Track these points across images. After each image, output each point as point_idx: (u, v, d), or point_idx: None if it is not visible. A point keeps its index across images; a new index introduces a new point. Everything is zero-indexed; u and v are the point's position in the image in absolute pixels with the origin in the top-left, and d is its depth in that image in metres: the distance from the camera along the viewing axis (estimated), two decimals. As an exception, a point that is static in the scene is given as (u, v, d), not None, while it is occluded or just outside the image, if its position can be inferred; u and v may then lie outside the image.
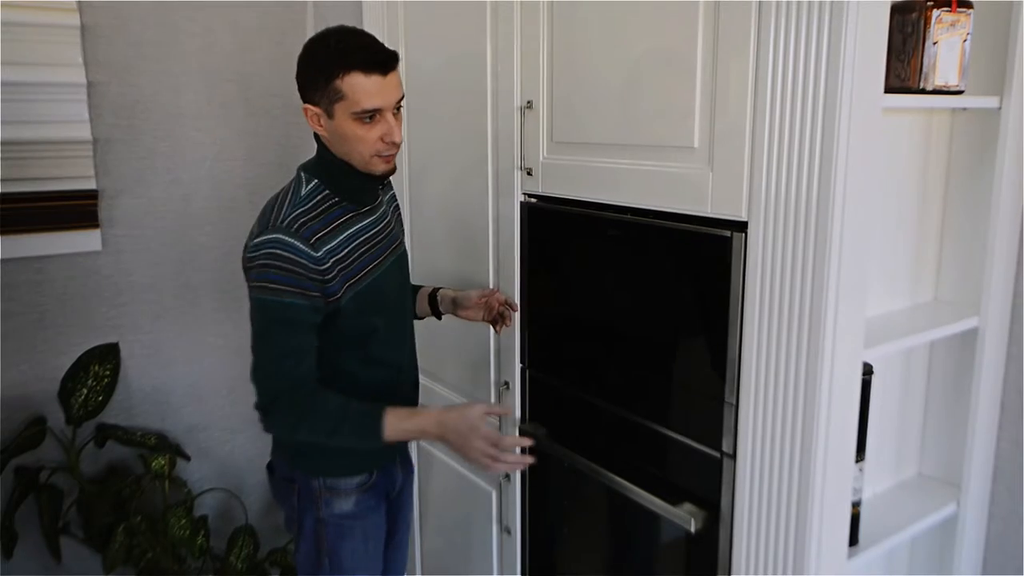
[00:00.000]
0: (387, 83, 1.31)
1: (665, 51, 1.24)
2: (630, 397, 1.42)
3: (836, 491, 1.16)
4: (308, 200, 1.35)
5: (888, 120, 1.12)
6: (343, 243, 1.36)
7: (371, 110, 1.30)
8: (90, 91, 2.09)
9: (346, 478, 1.49)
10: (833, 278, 1.07)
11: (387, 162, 1.38)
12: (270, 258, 1.29)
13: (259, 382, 1.36)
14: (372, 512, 1.54)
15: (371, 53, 1.30)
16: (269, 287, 1.30)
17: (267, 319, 1.33)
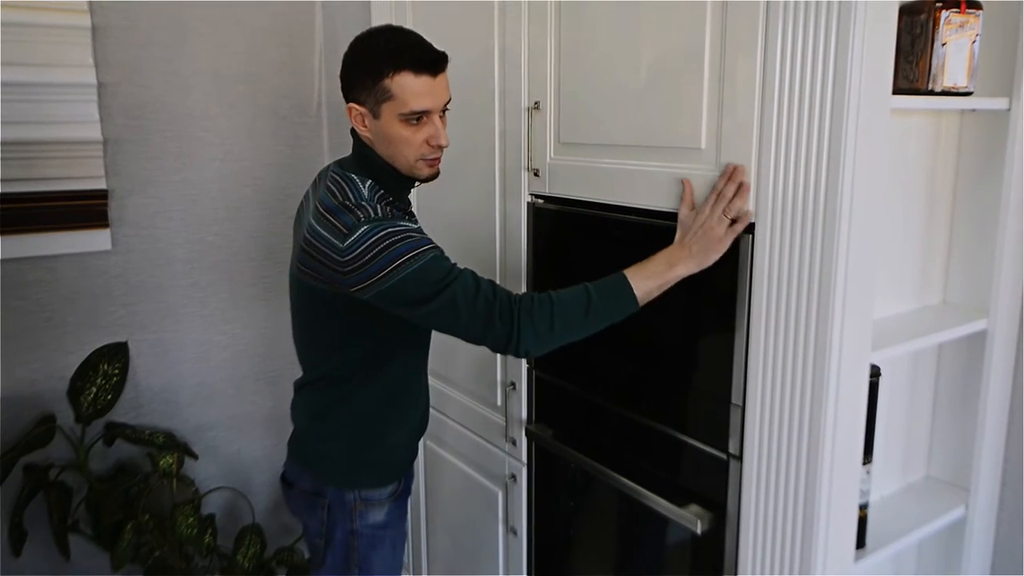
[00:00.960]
0: (436, 84, 1.27)
1: (672, 52, 1.24)
2: (637, 398, 1.42)
3: (843, 493, 1.15)
4: (372, 200, 1.30)
5: (896, 121, 1.12)
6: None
7: (419, 112, 1.27)
8: (100, 92, 2.10)
9: (380, 488, 1.46)
10: (840, 280, 1.07)
11: (431, 166, 1.35)
12: (381, 240, 1.21)
13: (488, 325, 1.22)
14: (400, 520, 1.54)
15: (422, 52, 1.26)
16: (407, 259, 1.21)
17: (432, 281, 1.22)
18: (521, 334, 1.21)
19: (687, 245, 1.21)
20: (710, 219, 1.18)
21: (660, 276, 1.22)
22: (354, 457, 1.45)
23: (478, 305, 1.22)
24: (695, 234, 1.20)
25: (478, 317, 1.22)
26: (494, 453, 1.81)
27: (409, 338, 1.44)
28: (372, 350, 1.40)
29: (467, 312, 1.22)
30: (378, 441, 1.45)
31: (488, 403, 1.81)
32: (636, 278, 1.22)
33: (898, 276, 1.38)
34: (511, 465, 1.76)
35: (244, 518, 2.38)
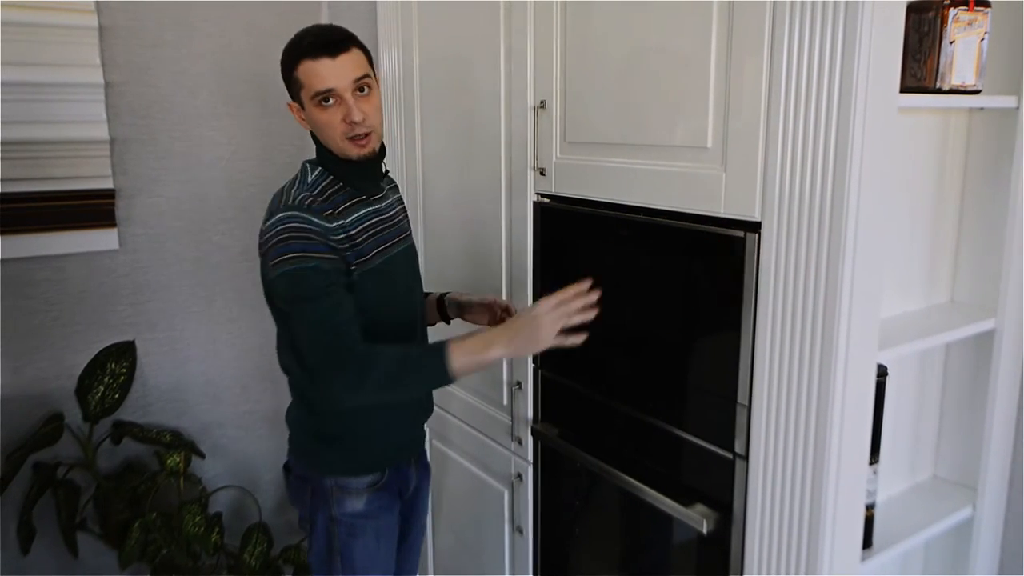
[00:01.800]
0: (337, 64, 1.33)
1: (679, 51, 1.24)
2: (642, 398, 1.42)
3: (850, 493, 1.15)
4: (315, 185, 1.39)
5: (904, 120, 1.11)
6: (352, 223, 1.38)
7: (323, 91, 1.33)
8: (107, 91, 2.11)
9: (358, 477, 1.50)
10: (847, 279, 1.06)
11: (359, 145, 1.38)
12: (286, 231, 1.30)
13: (312, 355, 1.32)
14: (384, 512, 1.55)
15: (316, 38, 1.34)
16: (292, 257, 1.29)
17: (297, 289, 1.30)
18: (335, 384, 1.31)
19: (511, 330, 1.31)
20: (546, 316, 1.28)
21: (478, 354, 1.31)
22: (326, 445, 1.50)
23: (316, 332, 1.31)
24: (525, 323, 1.30)
25: (310, 344, 1.32)
26: (500, 452, 1.81)
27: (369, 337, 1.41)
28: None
29: (313, 337, 1.31)
30: (345, 432, 1.48)
31: (494, 402, 1.81)
32: (455, 351, 1.30)
33: (905, 275, 1.38)
34: (517, 464, 1.76)
35: (251, 517, 2.39)
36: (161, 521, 2.13)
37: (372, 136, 1.39)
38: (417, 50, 1.93)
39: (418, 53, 1.93)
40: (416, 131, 1.98)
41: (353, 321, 1.32)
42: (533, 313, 1.31)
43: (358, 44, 1.38)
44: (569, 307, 1.30)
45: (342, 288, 1.33)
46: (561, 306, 1.30)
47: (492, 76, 1.65)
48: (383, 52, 2.06)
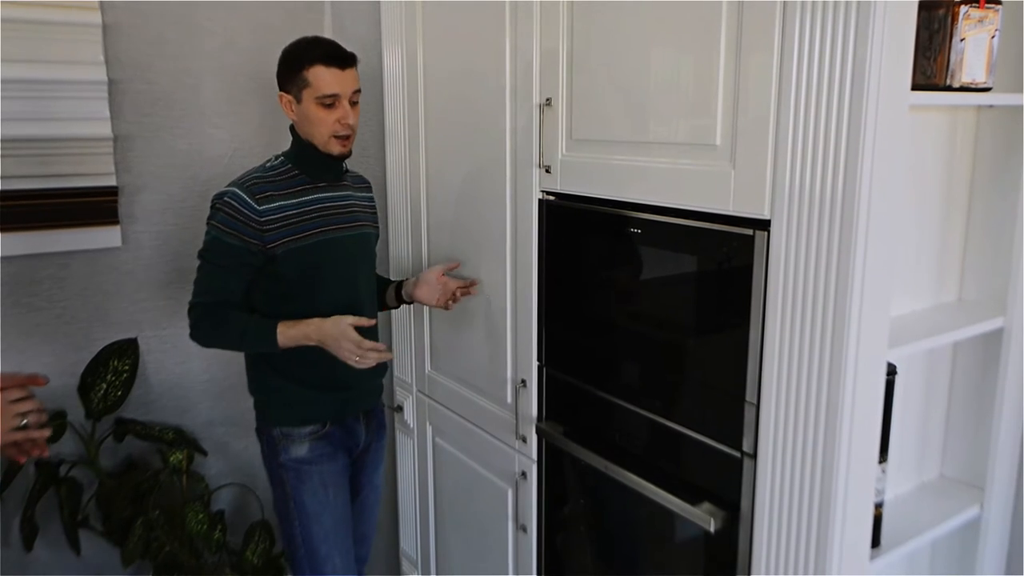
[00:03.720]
0: (344, 75, 1.63)
1: (687, 47, 1.23)
2: (649, 396, 1.41)
3: (859, 492, 1.14)
4: (271, 169, 1.69)
5: (913, 118, 1.10)
6: (293, 206, 1.65)
7: (330, 95, 1.61)
8: (111, 89, 2.10)
9: (299, 427, 1.74)
10: (858, 277, 1.06)
11: (342, 144, 1.67)
12: (223, 205, 1.62)
13: (194, 295, 1.68)
14: (328, 460, 1.76)
15: (332, 50, 1.63)
16: (217, 227, 1.62)
17: (209, 250, 1.65)
18: (196, 326, 1.69)
19: (324, 336, 1.62)
20: (344, 347, 1.60)
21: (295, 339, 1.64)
22: (269, 396, 1.77)
23: (203, 284, 1.68)
24: (333, 339, 1.61)
25: (196, 286, 1.69)
26: (504, 450, 1.81)
27: (276, 301, 1.67)
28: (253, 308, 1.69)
29: (199, 279, 1.68)
30: (284, 384, 1.73)
31: (498, 400, 1.81)
32: (282, 328, 1.63)
33: (914, 273, 1.37)
34: (521, 462, 1.76)
35: (253, 514, 2.38)
36: (164, 519, 2.13)
37: (352, 138, 1.68)
38: (421, 47, 1.93)
39: (422, 50, 1.92)
40: (420, 129, 1.98)
41: (235, 290, 1.66)
42: (341, 328, 1.61)
43: (357, 64, 1.67)
44: (364, 357, 1.61)
45: (242, 266, 1.63)
46: (361, 351, 1.60)
47: (497, 73, 1.64)
48: (387, 50, 2.06)
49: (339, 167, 1.75)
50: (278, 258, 1.63)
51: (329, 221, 1.70)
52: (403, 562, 2.41)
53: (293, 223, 1.64)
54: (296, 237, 1.64)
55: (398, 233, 2.14)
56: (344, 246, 1.72)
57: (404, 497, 2.34)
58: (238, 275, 1.66)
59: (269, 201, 1.63)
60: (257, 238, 1.61)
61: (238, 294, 1.68)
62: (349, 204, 1.76)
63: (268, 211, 1.62)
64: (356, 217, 1.76)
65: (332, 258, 1.69)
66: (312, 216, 1.67)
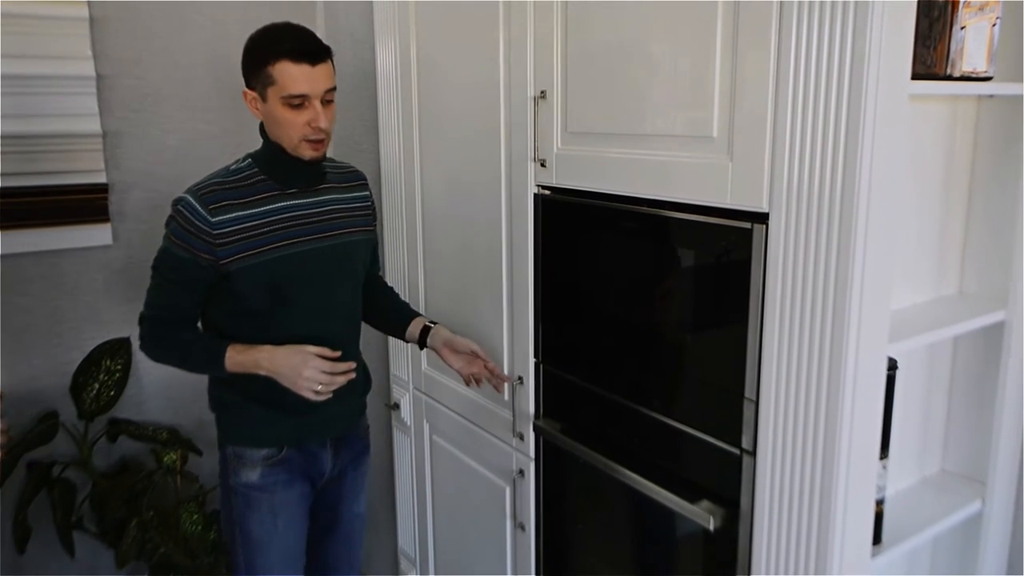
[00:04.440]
0: (315, 72, 1.42)
1: (683, 36, 1.21)
2: (647, 392, 1.39)
3: (860, 489, 1.13)
4: (234, 174, 1.52)
5: (912, 108, 1.08)
6: (253, 216, 1.48)
7: (297, 95, 1.42)
8: (99, 84, 2.08)
9: (252, 449, 1.58)
10: (858, 271, 1.04)
11: (314, 148, 1.49)
12: (176, 214, 1.47)
13: (144, 306, 1.55)
14: (282, 488, 1.60)
15: (301, 43, 1.43)
16: (168, 237, 1.49)
17: (160, 261, 1.52)
18: (143, 340, 1.56)
19: (277, 364, 1.48)
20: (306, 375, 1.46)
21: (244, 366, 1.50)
22: (223, 412, 1.63)
23: (152, 297, 1.55)
24: (289, 367, 1.47)
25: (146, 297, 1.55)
26: (501, 448, 1.79)
27: (236, 320, 1.54)
28: (208, 325, 1.58)
29: (149, 292, 1.55)
30: (240, 401, 1.57)
31: (495, 397, 1.79)
32: (231, 353, 1.49)
33: (914, 266, 1.35)
34: (519, 460, 1.74)
35: (249, 514, 2.36)
36: (158, 519, 2.11)
37: (326, 141, 1.50)
38: (414, 41, 1.90)
39: (415, 44, 1.90)
40: (413, 124, 1.95)
41: (185, 306, 1.53)
42: (303, 355, 1.48)
43: (332, 57, 1.48)
44: (331, 381, 1.49)
45: (192, 281, 1.49)
46: (326, 377, 1.48)
47: (491, 66, 1.62)
48: (380, 44, 2.03)
49: (316, 171, 1.57)
50: (232, 275, 1.47)
51: (296, 232, 1.52)
52: (401, 560, 2.39)
53: (251, 236, 1.47)
54: (253, 252, 1.47)
55: (394, 229, 2.12)
56: (314, 260, 1.54)
57: (402, 495, 2.32)
58: (188, 291, 1.51)
59: (225, 211, 1.45)
60: (208, 252, 1.45)
61: (189, 310, 1.54)
62: (326, 211, 1.57)
63: (223, 223, 1.45)
64: (335, 225, 1.58)
65: (298, 275, 1.52)
66: (275, 228, 1.49)
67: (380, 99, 2.08)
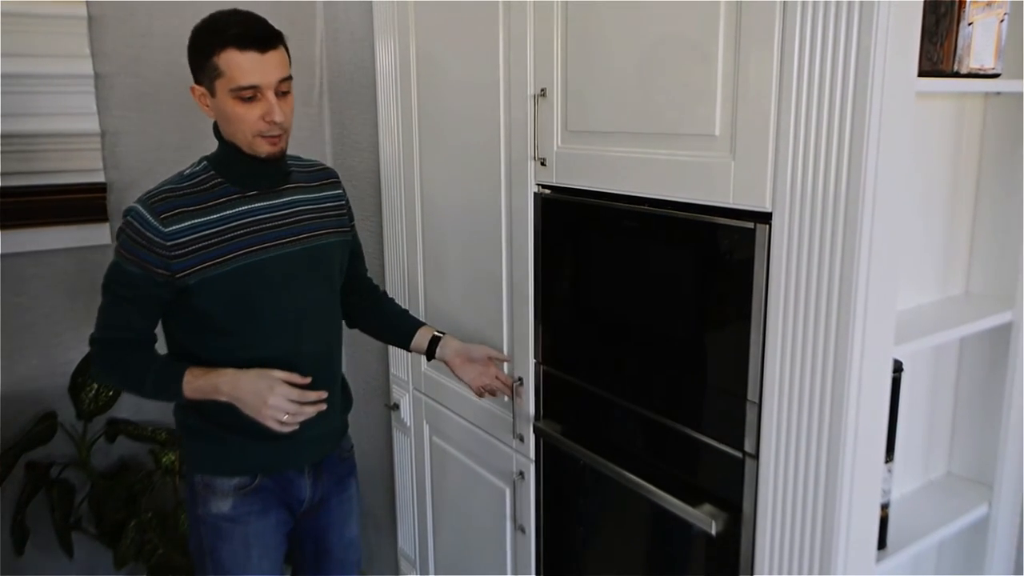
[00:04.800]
0: (265, 61, 1.31)
1: (684, 33, 1.19)
2: (648, 394, 1.37)
3: (865, 493, 1.11)
4: (188, 179, 1.40)
5: (918, 105, 1.06)
6: (210, 223, 1.37)
7: (247, 87, 1.31)
8: (97, 83, 2.07)
9: (223, 478, 1.47)
10: (863, 271, 1.02)
11: (271, 144, 1.38)
12: (126, 225, 1.36)
13: (95, 327, 1.44)
14: (256, 518, 1.49)
15: (247, 29, 1.31)
16: (119, 250, 1.37)
17: (110, 277, 1.40)
18: (94, 362, 1.47)
19: (239, 391, 1.37)
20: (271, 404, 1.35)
21: (203, 392, 1.39)
22: (190, 438, 1.52)
23: (103, 317, 1.43)
24: (252, 394, 1.36)
25: (98, 317, 1.44)
26: (501, 450, 1.78)
27: (202, 337, 1.43)
28: (172, 343, 1.48)
29: (100, 311, 1.43)
30: (207, 426, 1.45)
31: (495, 399, 1.77)
32: (189, 378, 1.39)
33: (919, 266, 1.33)
34: (519, 462, 1.72)
35: (249, 515, 2.35)
36: (157, 520, 2.10)
37: (284, 136, 1.39)
38: (414, 39, 1.88)
39: (415, 42, 1.88)
40: (413, 122, 1.93)
41: (139, 326, 1.41)
42: (269, 381, 1.37)
43: (284, 43, 1.37)
44: (298, 411, 1.37)
45: (147, 298, 1.38)
46: (292, 406, 1.37)
47: (490, 64, 1.60)
48: (379, 42, 2.01)
49: (278, 170, 1.45)
50: (191, 289, 1.36)
51: (260, 238, 1.41)
52: (401, 562, 2.38)
53: (209, 246, 1.36)
54: (213, 263, 1.36)
55: (393, 228, 2.11)
56: (282, 267, 1.43)
57: (402, 496, 2.31)
58: (143, 309, 1.39)
59: (178, 220, 1.33)
60: (163, 266, 1.33)
61: (144, 331, 1.42)
62: (293, 213, 1.46)
63: (176, 232, 1.33)
64: (304, 227, 1.47)
65: (266, 285, 1.41)
66: (236, 234, 1.38)
67: (379, 98, 2.06)
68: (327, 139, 2.51)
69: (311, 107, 2.47)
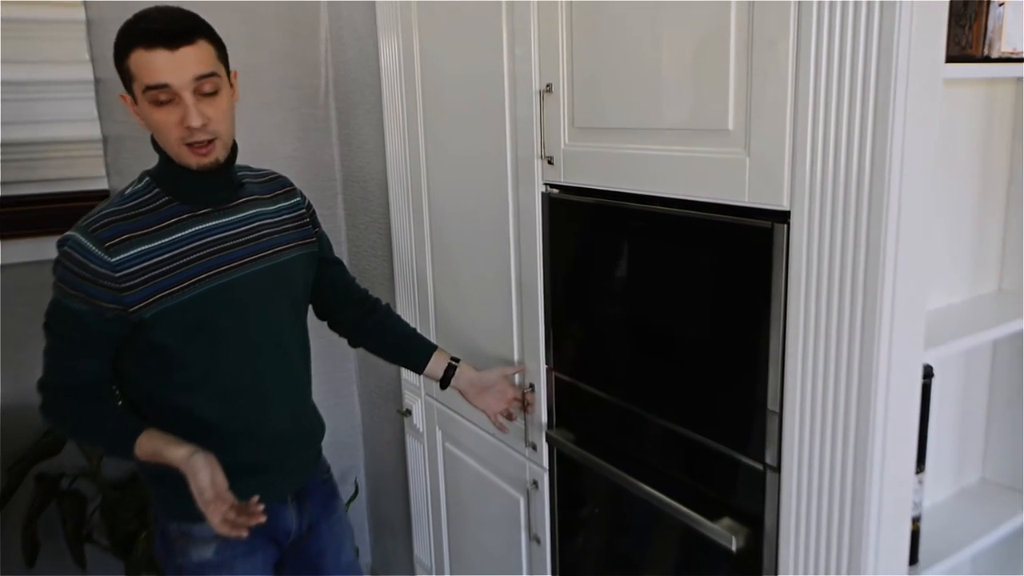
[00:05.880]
0: (175, 58, 1.18)
1: (695, 20, 1.13)
2: (662, 402, 1.31)
3: (895, 506, 1.04)
4: (130, 199, 1.28)
5: (945, 92, 0.99)
6: (162, 248, 1.25)
7: (154, 86, 1.19)
8: (98, 88, 2.03)
9: (201, 524, 1.27)
10: (889, 272, 0.95)
11: (197, 153, 1.23)
12: (63, 256, 1.23)
13: (43, 370, 1.33)
14: (241, 559, 1.38)
15: (153, 24, 1.20)
16: (59, 285, 1.25)
17: (53, 317, 1.28)
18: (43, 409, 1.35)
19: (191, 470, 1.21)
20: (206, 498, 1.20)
21: (157, 456, 1.25)
22: (157, 482, 1.37)
23: (49, 360, 1.32)
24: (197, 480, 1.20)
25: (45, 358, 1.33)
26: (514, 458, 1.72)
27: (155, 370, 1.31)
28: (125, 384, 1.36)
29: (46, 354, 1.31)
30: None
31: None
32: (144, 440, 1.26)
33: (949, 263, 1.26)
34: (532, 471, 1.67)
35: (261, 523, 2.32)
36: (168, 532, 2.07)
37: (216, 144, 1.25)
38: (417, 36, 1.83)
39: (418, 39, 1.83)
40: (418, 122, 1.88)
41: (92, 369, 1.29)
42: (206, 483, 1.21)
43: (208, 36, 1.25)
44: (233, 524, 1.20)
45: (97, 336, 1.26)
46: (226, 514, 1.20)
47: (494, 59, 1.54)
48: (383, 40, 1.96)
49: (225, 182, 1.32)
50: (147, 323, 1.23)
51: (220, 260, 1.29)
52: (417, 568, 2.34)
53: (163, 273, 1.23)
54: (169, 291, 1.24)
55: (401, 231, 2.06)
56: (247, 290, 1.32)
57: (416, 502, 2.27)
58: (93, 350, 1.27)
59: (125, 248, 1.21)
60: (113, 300, 1.21)
61: (97, 373, 1.29)
62: (253, 228, 1.35)
63: (125, 261, 1.21)
64: (266, 243, 1.36)
65: (230, 309, 1.30)
66: (192, 258, 1.26)
67: (384, 97, 2.01)
68: (334, 140, 2.47)
69: (318, 108, 2.42)
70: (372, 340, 1.65)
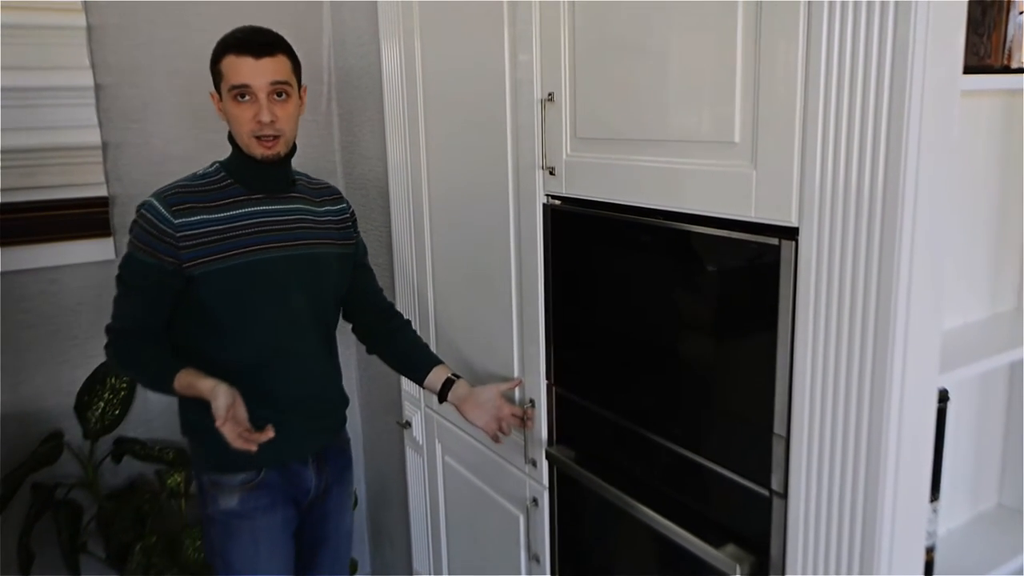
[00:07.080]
0: (258, 65, 1.42)
1: (700, 28, 1.09)
2: (666, 422, 1.27)
3: (907, 536, 0.99)
4: (200, 178, 1.51)
5: (963, 104, 0.94)
6: (218, 220, 1.46)
7: (239, 86, 1.42)
8: (98, 94, 2.02)
9: (229, 474, 1.52)
10: (903, 292, 0.90)
11: (264, 145, 1.46)
12: (140, 217, 1.45)
13: (111, 317, 1.51)
14: (263, 513, 1.54)
15: (245, 36, 1.45)
16: (132, 242, 1.46)
17: (124, 268, 1.47)
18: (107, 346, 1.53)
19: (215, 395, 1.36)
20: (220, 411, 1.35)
21: (192, 389, 1.42)
22: (193, 438, 1.59)
23: (117, 306, 1.51)
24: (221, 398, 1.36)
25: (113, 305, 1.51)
26: (514, 474, 1.68)
27: (199, 332, 1.49)
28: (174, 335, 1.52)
29: (115, 300, 1.50)
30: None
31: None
32: (182, 375, 1.44)
33: (966, 282, 1.21)
34: (532, 488, 1.63)
35: (259, 535, 2.28)
36: (163, 544, 2.04)
37: (280, 140, 1.47)
38: (418, 43, 1.79)
39: (419, 46, 1.79)
40: (420, 129, 1.85)
41: (139, 316, 1.48)
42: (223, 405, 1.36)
43: (287, 52, 1.48)
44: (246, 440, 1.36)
45: (157, 285, 1.45)
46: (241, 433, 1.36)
47: (496, 68, 1.51)
48: (384, 46, 1.93)
49: (282, 175, 1.55)
50: (196, 280, 1.43)
51: (260, 239, 1.49)
52: (416, 582, 2.30)
53: (215, 240, 1.44)
54: (217, 256, 1.44)
55: (401, 241, 2.02)
56: (277, 268, 1.50)
57: (415, 515, 2.23)
58: (154, 298, 1.47)
59: (189, 214, 1.43)
60: (172, 255, 1.42)
61: (154, 321, 1.49)
62: (295, 220, 1.54)
63: (186, 225, 1.42)
64: (304, 234, 1.54)
65: (261, 283, 1.49)
66: (241, 233, 1.47)
67: (386, 104, 1.98)
68: (336, 147, 2.44)
69: (320, 114, 2.40)
70: (383, 346, 1.75)
